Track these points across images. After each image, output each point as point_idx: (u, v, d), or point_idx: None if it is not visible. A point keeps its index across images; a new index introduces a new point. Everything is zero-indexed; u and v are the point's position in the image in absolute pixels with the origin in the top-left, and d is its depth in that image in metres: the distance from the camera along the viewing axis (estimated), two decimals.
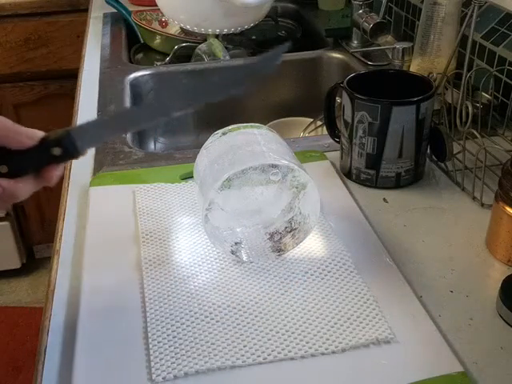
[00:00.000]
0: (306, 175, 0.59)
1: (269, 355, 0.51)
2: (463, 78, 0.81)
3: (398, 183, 0.75)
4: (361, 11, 1.16)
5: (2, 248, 1.96)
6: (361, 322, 0.54)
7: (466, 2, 0.92)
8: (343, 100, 0.75)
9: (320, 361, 0.51)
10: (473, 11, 0.81)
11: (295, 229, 0.62)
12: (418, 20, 1.03)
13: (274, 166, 0.60)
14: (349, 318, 0.54)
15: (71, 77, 1.50)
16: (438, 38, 0.94)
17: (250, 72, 0.53)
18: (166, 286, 0.58)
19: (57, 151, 0.50)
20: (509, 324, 0.54)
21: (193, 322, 0.54)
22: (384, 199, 0.73)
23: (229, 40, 1.33)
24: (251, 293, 0.58)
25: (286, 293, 0.58)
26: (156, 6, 1.26)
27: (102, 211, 0.71)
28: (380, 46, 1.17)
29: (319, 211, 0.61)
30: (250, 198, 0.63)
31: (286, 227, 0.63)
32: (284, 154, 0.60)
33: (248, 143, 0.61)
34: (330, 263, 0.61)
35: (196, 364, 0.50)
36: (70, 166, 0.82)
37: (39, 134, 0.50)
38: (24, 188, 0.51)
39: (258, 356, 0.51)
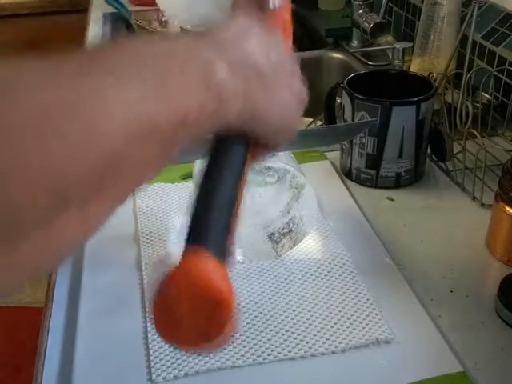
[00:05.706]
0: (302, 177, 0.59)
1: (269, 355, 0.51)
2: (463, 78, 0.81)
3: (398, 183, 0.75)
4: (361, 11, 1.16)
5: None
6: (361, 323, 0.54)
7: (465, 1, 0.92)
8: (343, 100, 0.75)
9: (320, 361, 0.51)
10: (473, 11, 0.81)
11: (294, 230, 0.62)
12: (418, 20, 1.03)
13: (269, 168, 0.60)
14: (349, 318, 0.54)
15: None
16: (438, 38, 0.94)
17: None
18: None
19: None
20: (508, 324, 0.54)
21: None
22: (388, 197, 0.73)
23: None
24: (251, 293, 0.58)
25: (286, 293, 0.58)
26: (156, 5, 1.27)
27: None
28: (380, 45, 1.17)
29: (317, 213, 0.61)
30: (248, 199, 0.63)
31: (285, 228, 0.63)
32: (281, 154, 0.60)
33: None
34: (329, 263, 0.61)
35: (196, 364, 0.50)
36: None
37: None
38: None
39: (258, 356, 0.51)
